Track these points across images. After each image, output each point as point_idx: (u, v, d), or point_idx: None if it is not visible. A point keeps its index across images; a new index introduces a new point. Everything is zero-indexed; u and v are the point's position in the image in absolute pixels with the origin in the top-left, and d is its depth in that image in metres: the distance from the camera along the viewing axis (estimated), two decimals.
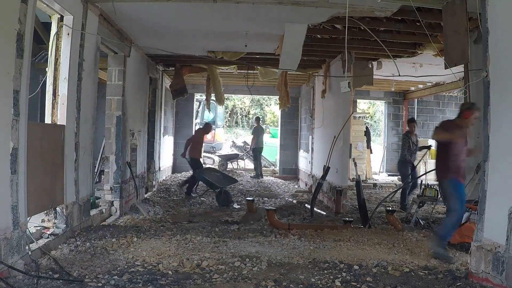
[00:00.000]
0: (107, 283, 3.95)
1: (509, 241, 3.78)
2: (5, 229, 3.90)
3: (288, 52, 7.31)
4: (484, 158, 4.23)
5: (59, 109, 5.40)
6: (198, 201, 9.94)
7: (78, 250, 4.96)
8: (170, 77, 12.55)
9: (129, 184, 8.39)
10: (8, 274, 3.79)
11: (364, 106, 26.30)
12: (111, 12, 6.39)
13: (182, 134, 15.52)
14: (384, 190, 12.23)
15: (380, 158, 16.54)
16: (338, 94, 8.65)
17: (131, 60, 8.27)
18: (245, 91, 13.11)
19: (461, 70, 6.45)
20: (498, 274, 3.89)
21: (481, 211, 4.21)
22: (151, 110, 10.77)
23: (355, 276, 4.37)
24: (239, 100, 29.58)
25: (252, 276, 4.33)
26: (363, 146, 13.59)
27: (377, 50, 8.18)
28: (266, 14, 6.57)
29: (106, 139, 7.89)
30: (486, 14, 4.21)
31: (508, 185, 3.89)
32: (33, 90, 4.87)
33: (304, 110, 14.53)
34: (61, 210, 5.39)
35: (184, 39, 8.46)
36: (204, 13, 6.65)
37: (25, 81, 4.18)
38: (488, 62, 4.19)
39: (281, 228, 6.55)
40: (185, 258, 4.81)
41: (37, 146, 4.73)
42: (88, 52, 6.00)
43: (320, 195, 9.91)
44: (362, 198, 7.14)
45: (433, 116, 15.88)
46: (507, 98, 3.99)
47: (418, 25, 6.65)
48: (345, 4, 5.23)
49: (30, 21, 4.23)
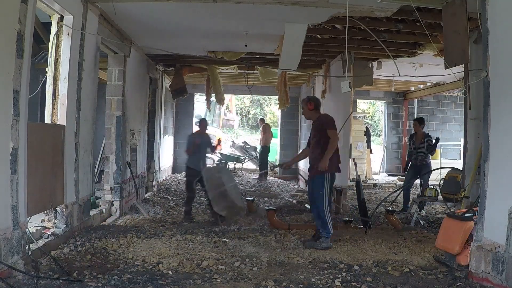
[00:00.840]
0: (107, 283, 3.95)
1: (509, 241, 3.78)
2: (5, 229, 3.90)
3: (288, 52, 7.31)
4: (484, 158, 4.23)
5: (59, 109, 5.40)
6: (197, 201, 9.93)
7: (78, 250, 4.96)
8: (170, 77, 12.55)
9: (129, 184, 8.39)
10: (8, 274, 3.79)
11: (364, 106, 26.30)
12: (111, 12, 6.39)
13: (182, 134, 15.52)
14: (384, 190, 12.23)
15: (380, 158, 16.54)
16: (338, 94, 8.65)
17: (131, 60, 8.27)
18: (245, 91, 13.11)
19: (461, 70, 6.43)
20: (498, 274, 3.89)
21: (481, 211, 4.21)
22: (151, 110, 10.77)
23: (355, 276, 4.37)
24: (239, 100, 29.58)
25: (252, 276, 4.33)
26: (363, 146, 13.59)
27: (377, 50, 8.18)
28: (266, 14, 6.57)
29: (106, 139, 7.89)
30: (486, 14, 4.22)
31: (508, 185, 3.89)
32: (33, 90, 4.88)
33: None
34: (61, 210, 5.39)
35: (184, 39, 8.46)
36: (204, 13, 6.65)
37: (25, 81, 4.18)
38: (488, 62, 4.19)
39: (281, 228, 6.55)
40: (185, 258, 4.81)
41: (37, 146, 4.73)
42: (88, 52, 6.00)
43: None
44: (362, 198, 7.14)
45: (433, 116, 15.88)
46: (507, 98, 3.99)
47: (418, 25, 6.65)
48: (345, 4, 5.23)
49: (30, 21, 4.23)
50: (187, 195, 8.11)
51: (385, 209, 7.37)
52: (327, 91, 10.15)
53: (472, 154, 6.82)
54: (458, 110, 15.33)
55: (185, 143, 8.42)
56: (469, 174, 6.78)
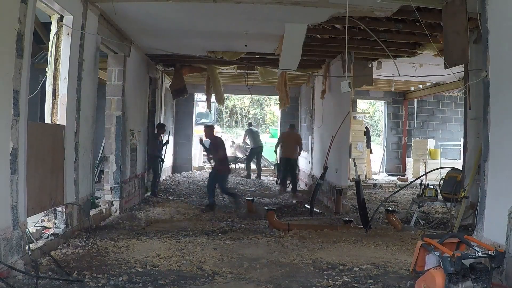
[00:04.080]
0: (107, 283, 3.95)
1: (509, 241, 3.78)
2: (5, 229, 3.90)
3: (288, 52, 7.31)
4: (484, 158, 4.23)
5: (59, 109, 5.40)
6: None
7: (78, 251, 4.96)
8: (170, 77, 12.54)
9: (128, 184, 8.39)
10: (8, 274, 3.79)
11: (364, 106, 26.30)
12: (111, 12, 6.39)
13: (182, 134, 15.52)
14: (384, 190, 12.22)
15: (380, 158, 16.54)
16: (338, 94, 8.65)
17: (131, 60, 8.27)
18: (245, 91, 13.09)
19: (461, 70, 6.44)
20: (498, 274, 3.89)
21: (481, 211, 4.21)
22: (151, 110, 10.76)
23: (355, 278, 4.36)
24: (239, 100, 29.58)
25: (252, 276, 4.33)
26: (363, 146, 13.58)
27: (377, 50, 8.18)
28: (266, 14, 6.57)
29: (106, 139, 7.89)
30: (486, 14, 4.22)
31: (508, 185, 3.90)
32: (33, 90, 4.87)
33: (304, 110, 14.53)
34: (61, 210, 5.39)
35: (184, 39, 8.46)
36: (204, 13, 6.65)
37: (25, 81, 4.18)
38: (488, 62, 4.19)
39: (281, 228, 6.55)
40: (185, 259, 4.81)
41: (37, 146, 4.73)
42: (88, 52, 6.00)
43: (320, 195, 9.92)
44: (362, 198, 7.14)
45: (433, 116, 15.88)
46: (507, 98, 3.99)
47: (418, 25, 6.65)
48: (345, 4, 5.23)
49: (30, 21, 4.23)
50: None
51: (385, 209, 7.37)
52: (327, 91, 10.15)
53: (472, 154, 6.83)
54: (458, 110, 15.33)
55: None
56: (469, 174, 6.78)
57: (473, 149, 6.82)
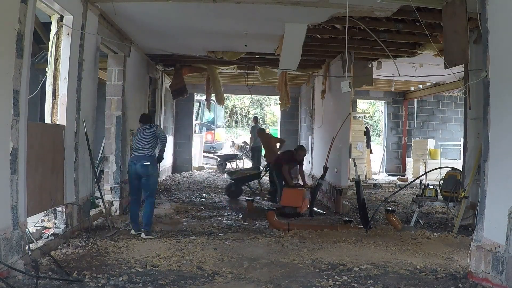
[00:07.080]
0: (107, 283, 3.95)
1: (509, 241, 3.78)
2: (5, 229, 3.90)
3: (288, 52, 7.31)
4: (484, 158, 4.23)
5: (59, 109, 5.40)
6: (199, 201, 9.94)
7: (78, 251, 4.96)
8: (170, 77, 12.54)
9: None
10: (8, 274, 3.79)
11: (364, 106, 26.31)
12: (111, 12, 6.39)
13: (182, 134, 15.52)
14: (384, 190, 12.22)
15: (380, 158, 16.54)
16: (338, 94, 8.65)
17: (131, 60, 8.27)
18: (245, 91, 13.09)
19: (461, 70, 6.44)
20: (498, 274, 3.89)
21: (481, 211, 4.21)
22: (151, 110, 10.75)
23: (355, 278, 4.36)
24: (239, 100, 29.59)
25: (252, 276, 4.33)
26: (363, 146, 13.57)
27: (377, 50, 8.18)
28: (266, 14, 6.57)
29: (106, 139, 7.89)
30: (486, 14, 4.22)
31: (508, 185, 3.89)
32: (33, 90, 4.87)
33: (304, 110, 14.53)
34: (61, 210, 5.39)
35: (184, 39, 8.46)
36: (204, 13, 6.65)
37: (25, 81, 4.18)
38: (488, 62, 4.19)
39: (281, 229, 6.55)
40: (185, 259, 4.81)
41: (37, 146, 4.73)
42: (88, 52, 6.00)
43: (320, 195, 9.91)
44: (362, 198, 7.13)
45: (433, 116, 15.89)
46: (507, 98, 3.99)
47: (418, 25, 6.65)
48: (345, 4, 5.23)
49: (30, 21, 4.23)
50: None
51: (385, 209, 7.36)
52: (327, 91, 10.15)
53: (472, 154, 6.83)
54: (458, 110, 15.33)
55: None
56: (469, 174, 6.78)
57: (473, 149, 6.82)
